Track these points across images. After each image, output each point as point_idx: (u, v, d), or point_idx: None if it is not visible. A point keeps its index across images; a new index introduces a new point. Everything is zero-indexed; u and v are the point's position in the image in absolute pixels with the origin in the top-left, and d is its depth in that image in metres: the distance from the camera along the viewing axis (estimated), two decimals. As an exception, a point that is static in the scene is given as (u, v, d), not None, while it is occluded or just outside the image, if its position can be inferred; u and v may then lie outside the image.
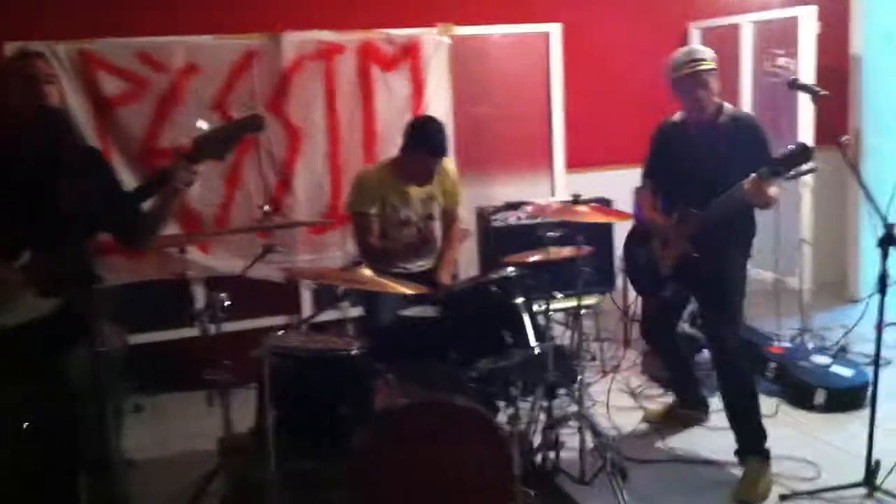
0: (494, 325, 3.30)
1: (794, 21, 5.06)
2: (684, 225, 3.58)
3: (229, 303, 3.19)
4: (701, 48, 3.64)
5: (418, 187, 3.92)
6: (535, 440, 3.60)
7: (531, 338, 3.26)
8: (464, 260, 4.79)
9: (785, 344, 4.65)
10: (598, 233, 4.70)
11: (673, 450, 3.90)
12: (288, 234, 4.64)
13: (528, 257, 3.68)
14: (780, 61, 5.16)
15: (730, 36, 5.57)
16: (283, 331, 3.47)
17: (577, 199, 4.14)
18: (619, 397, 4.46)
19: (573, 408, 3.73)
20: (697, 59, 3.50)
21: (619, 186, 4.83)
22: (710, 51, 3.58)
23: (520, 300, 3.33)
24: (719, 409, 3.92)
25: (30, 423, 2.72)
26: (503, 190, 5.26)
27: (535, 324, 3.35)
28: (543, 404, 3.68)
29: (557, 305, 4.27)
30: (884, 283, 3.23)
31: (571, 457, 3.57)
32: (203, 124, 2.82)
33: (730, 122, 3.56)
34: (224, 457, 3.31)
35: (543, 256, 3.70)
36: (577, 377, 3.68)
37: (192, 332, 3.40)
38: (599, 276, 4.55)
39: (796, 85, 3.51)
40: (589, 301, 4.66)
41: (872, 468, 3.33)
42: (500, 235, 4.79)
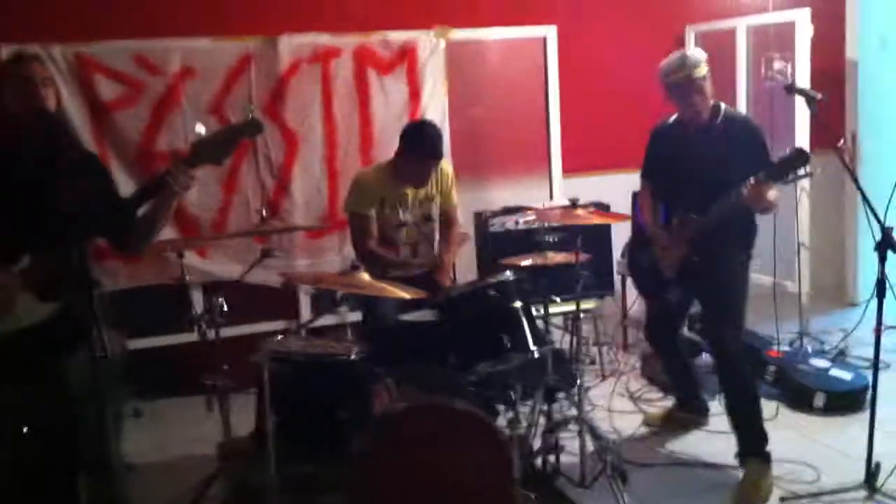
0: (493, 329, 3.29)
1: (790, 25, 5.07)
2: (684, 230, 3.58)
3: (227, 308, 3.19)
4: (694, 53, 3.59)
5: (415, 189, 3.92)
6: (535, 443, 3.58)
7: (530, 341, 3.26)
8: (462, 264, 4.79)
9: (784, 348, 4.65)
10: (597, 236, 4.71)
11: (673, 453, 3.90)
12: (286, 238, 4.64)
13: (526, 261, 3.68)
14: (777, 66, 5.17)
15: (726, 39, 5.58)
16: (282, 335, 3.46)
17: (575, 202, 4.16)
18: (619, 401, 4.46)
19: (573, 411, 3.72)
20: (691, 65, 3.46)
21: (616, 190, 4.83)
22: (703, 54, 3.55)
23: (518, 304, 3.33)
24: (719, 413, 3.94)
25: (29, 427, 2.71)
26: (500, 194, 5.25)
27: (534, 327, 3.35)
28: (543, 408, 3.68)
29: (556, 309, 4.28)
30: (882, 286, 3.24)
31: (571, 460, 3.57)
32: (201, 128, 2.79)
33: (727, 123, 3.55)
34: (224, 461, 3.30)
35: (541, 261, 3.70)
36: (577, 381, 3.67)
37: (191, 337, 3.39)
38: (598, 280, 4.54)
39: (793, 89, 3.52)
40: (588, 305, 4.67)
41: (872, 470, 3.33)
42: (498, 240, 4.77)
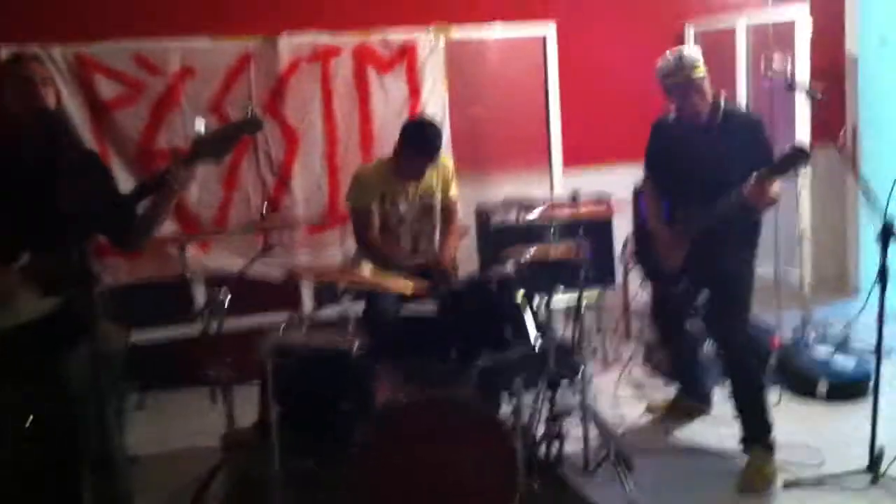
0: (495, 321, 3.30)
1: (790, 22, 5.07)
2: (687, 228, 3.56)
3: (229, 300, 3.19)
4: (690, 52, 3.52)
5: (416, 182, 3.92)
6: (539, 432, 3.58)
7: (532, 333, 3.26)
8: (463, 257, 4.79)
9: (787, 337, 4.65)
10: (598, 228, 4.71)
11: (676, 440, 3.90)
12: (287, 233, 4.65)
13: (528, 254, 3.68)
14: (776, 63, 5.17)
15: (726, 38, 5.58)
16: (285, 328, 3.47)
17: (576, 196, 4.17)
18: (622, 389, 4.45)
19: (576, 400, 3.72)
20: (689, 66, 3.42)
21: (616, 184, 4.83)
22: (699, 53, 3.51)
23: (520, 296, 3.33)
24: (723, 400, 3.94)
25: (30, 422, 2.71)
26: (501, 189, 5.25)
27: (537, 319, 3.35)
28: (546, 397, 3.68)
29: (559, 301, 4.27)
30: (884, 276, 3.24)
31: (575, 449, 3.58)
32: (200, 124, 2.80)
33: (727, 119, 3.51)
34: (227, 452, 3.31)
35: (543, 254, 3.69)
36: (580, 370, 3.67)
37: (193, 330, 3.40)
38: (600, 272, 4.55)
39: (794, 86, 3.51)
40: (590, 296, 4.66)
41: (875, 457, 3.32)
42: (500, 233, 4.78)
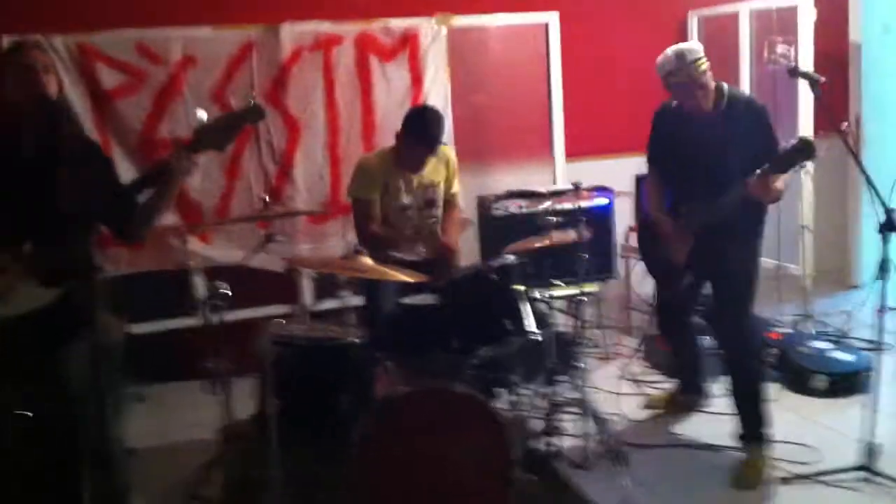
0: (495, 313, 3.31)
1: (794, 7, 5.05)
2: (691, 221, 3.55)
3: (229, 292, 3.19)
4: (691, 48, 3.47)
5: (420, 173, 3.92)
6: (536, 426, 3.60)
7: (531, 325, 3.27)
8: (464, 248, 4.79)
9: (786, 330, 4.65)
10: (598, 220, 4.71)
11: (674, 435, 3.91)
12: (288, 223, 4.65)
13: (528, 244, 3.68)
14: (780, 49, 5.15)
15: (729, 24, 5.56)
16: (284, 320, 3.48)
17: (578, 186, 4.17)
18: (621, 384, 4.46)
19: (574, 394, 3.74)
20: (690, 64, 3.39)
21: (618, 174, 4.84)
22: (699, 47, 3.47)
23: (520, 287, 3.34)
24: (720, 395, 3.95)
25: (30, 412, 2.72)
26: (503, 179, 5.25)
27: (536, 311, 3.36)
28: (544, 390, 3.69)
29: (558, 293, 4.28)
30: (884, 268, 3.24)
31: (572, 442, 3.59)
32: (202, 114, 2.80)
33: (730, 106, 3.48)
34: (225, 444, 3.33)
35: (543, 243, 3.70)
36: (578, 363, 3.68)
37: (193, 321, 3.41)
38: (599, 264, 4.55)
39: (796, 72, 3.50)
40: (589, 288, 4.66)
41: (872, 451, 3.34)
42: (501, 224, 4.78)
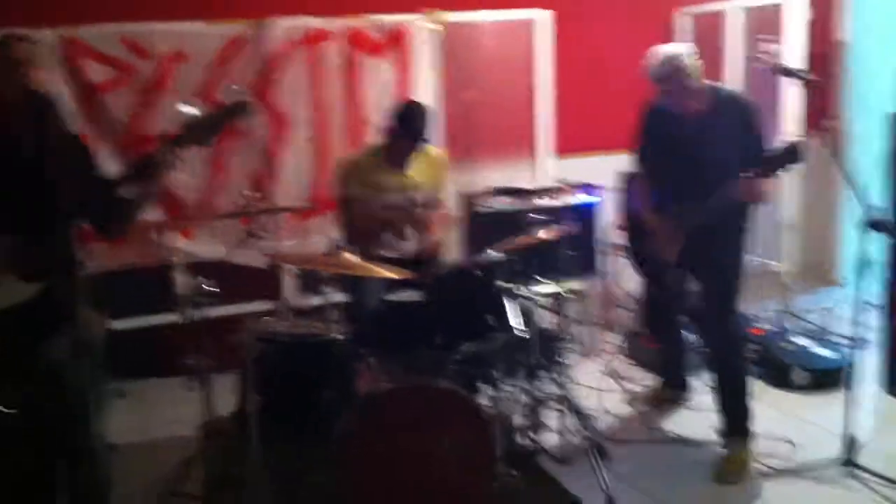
0: (478, 309, 3.33)
1: (781, 7, 5.07)
2: (681, 222, 3.56)
3: (211, 288, 3.20)
4: (679, 52, 3.45)
5: (406, 172, 3.93)
6: (518, 421, 3.62)
7: (514, 321, 3.29)
8: (449, 245, 4.80)
9: (766, 326, 4.68)
10: (584, 217, 4.72)
11: (655, 430, 3.94)
12: (272, 219, 4.64)
13: (514, 241, 3.69)
14: (766, 47, 5.16)
15: (718, 21, 5.57)
16: (267, 316, 3.48)
17: (563, 184, 4.18)
18: (603, 380, 4.49)
19: (556, 390, 3.76)
20: (681, 70, 3.38)
21: (605, 172, 4.83)
22: (689, 49, 3.46)
23: (504, 284, 3.35)
24: (702, 390, 3.97)
25: (9, 408, 2.72)
26: (490, 175, 5.24)
27: (520, 307, 3.37)
28: (526, 386, 3.71)
29: (543, 289, 4.29)
30: (864, 265, 3.26)
31: (554, 438, 3.61)
32: (187, 108, 2.79)
33: (718, 104, 3.49)
34: (207, 440, 3.33)
35: (526, 240, 3.71)
36: (562, 360, 3.70)
37: (174, 317, 3.40)
38: (583, 261, 4.57)
39: (782, 70, 3.51)
40: (572, 285, 4.68)
41: (852, 446, 3.37)
42: (486, 220, 4.78)
